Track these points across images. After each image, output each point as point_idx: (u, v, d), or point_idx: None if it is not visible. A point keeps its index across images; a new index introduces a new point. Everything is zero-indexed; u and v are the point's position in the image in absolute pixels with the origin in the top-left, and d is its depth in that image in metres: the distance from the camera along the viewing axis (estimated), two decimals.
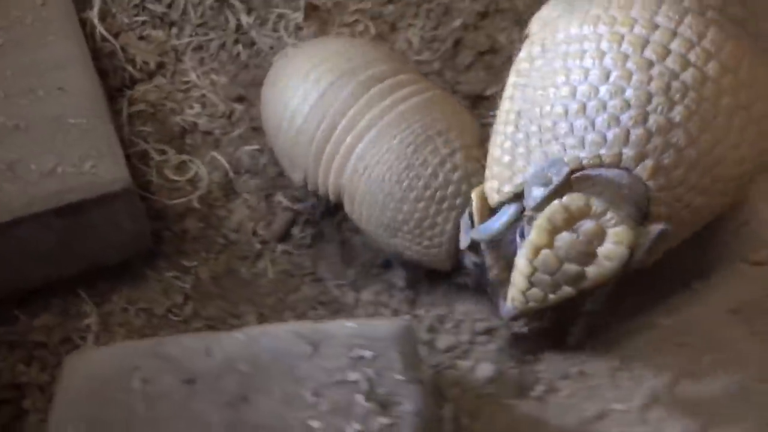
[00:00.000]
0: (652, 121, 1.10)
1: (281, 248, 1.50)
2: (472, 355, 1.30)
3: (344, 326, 1.08)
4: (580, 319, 1.26)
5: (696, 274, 1.42)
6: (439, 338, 1.34)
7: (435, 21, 1.77)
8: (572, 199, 1.09)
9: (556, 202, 1.09)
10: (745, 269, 1.46)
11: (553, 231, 1.09)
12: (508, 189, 1.18)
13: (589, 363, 1.28)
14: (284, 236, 1.51)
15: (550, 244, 1.10)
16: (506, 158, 1.21)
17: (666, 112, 1.10)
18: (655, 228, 1.08)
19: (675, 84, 1.10)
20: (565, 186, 1.09)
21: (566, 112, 1.16)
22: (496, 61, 1.76)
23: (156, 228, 1.48)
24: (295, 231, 1.51)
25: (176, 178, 1.54)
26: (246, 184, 1.55)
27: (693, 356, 1.29)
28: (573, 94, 1.16)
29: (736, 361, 1.28)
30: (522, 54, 1.28)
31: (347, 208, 1.40)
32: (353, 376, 1.01)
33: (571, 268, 1.10)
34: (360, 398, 0.98)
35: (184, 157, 1.57)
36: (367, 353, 1.03)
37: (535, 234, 1.10)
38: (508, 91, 1.28)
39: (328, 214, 1.54)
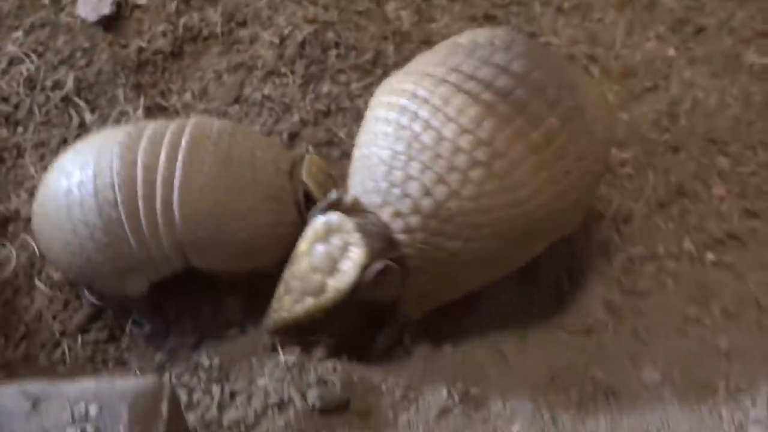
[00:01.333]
0: (394, 174, 1.25)
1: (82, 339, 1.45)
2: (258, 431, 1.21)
3: (79, 384, 1.00)
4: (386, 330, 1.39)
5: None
6: (226, 413, 1.25)
7: (275, 117, 1.88)
8: (333, 217, 1.26)
9: (320, 216, 1.27)
10: (562, 337, 1.44)
11: (314, 240, 1.26)
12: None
13: None
14: (84, 329, 1.46)
15: (308, 252, 1.26)
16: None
17: (404, 167, 1.23)
18: (381, 262, 1.23)
19: (415, 144, 1.23)
20: (340, 208, 1.25)
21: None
22: (334, 153, 1.84)
23: None
24: (99, 324, 1.47)
25: None
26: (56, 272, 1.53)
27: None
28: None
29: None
30: None
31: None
32: None
33: (316, 277, 1.25)
34: None
35: None
36: (93, 409, 0.95)
37: (300, 241, 1.27)
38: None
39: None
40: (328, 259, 1.23)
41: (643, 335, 1.43)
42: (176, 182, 1.33)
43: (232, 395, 1.29)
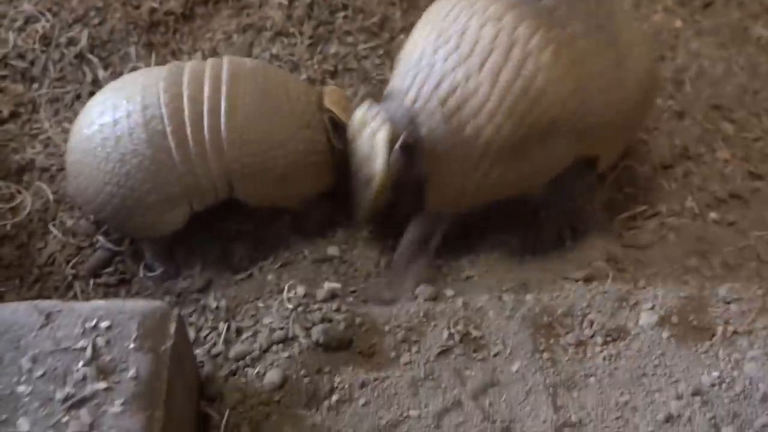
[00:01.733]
0: (421, 61, 1.40)
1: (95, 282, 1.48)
2: (262, 364, 1.24)
3: (91, 303, 1.04)
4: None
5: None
6: (233, 348, 1.28)
7: None
8: (361, 109, 1.44)
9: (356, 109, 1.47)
10: (563, 284, 1.46)
11: (356, 135, 1.42)
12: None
13: (389, 370, 1.26)
14: (96, 273, 1.50)
15: (355, 149, 1.43)
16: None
17: (431, 54, 1.39)
18: (405, 136, 1.36)
19: (443, 35, 1.38)
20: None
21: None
22: None
23: None
24: (109, 270, 1.50)
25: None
26: (71, 218, 1.56)
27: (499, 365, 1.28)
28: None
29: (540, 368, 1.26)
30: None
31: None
32: (81, 343, 0.95)
33: (365, 166, 1.40)
34: (80, 364, 0.91)
35: (13, 187, 1.59)
36: (104, 324, 0.98)
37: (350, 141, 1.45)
38: None
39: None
40: (367, 147, 1.38)
41: (643, 283, 1.45)
42: (222, 111, 1.39)
43: (238, 332, 1.33)
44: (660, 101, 2.08)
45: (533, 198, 1.57)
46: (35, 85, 1.83)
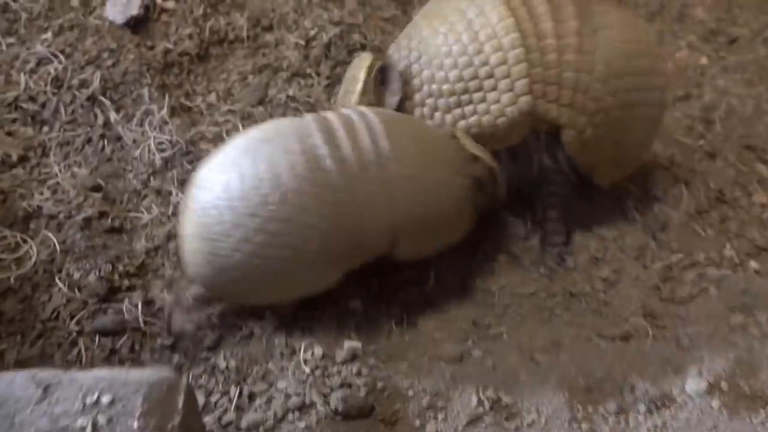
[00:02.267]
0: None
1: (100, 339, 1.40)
2: None
3: (92, 373, 0.96)
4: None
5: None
6: (245, 416, 1.19)
7: None
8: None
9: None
10: (598, 342, 1.36)
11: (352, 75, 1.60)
12: None
13: None
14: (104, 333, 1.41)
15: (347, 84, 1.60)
16: None
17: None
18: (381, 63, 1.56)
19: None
20: None
21: None
22: None
23: None
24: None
25: (3, 256, 1.48)
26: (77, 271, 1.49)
27: None
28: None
29: None
30: None
31: None
32: (80, 422, 0.87)
33: (345, 98, 1.56)
34: None
35: (19, 236, 1.53)
36: (106, 398, 0.90)
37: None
38: None
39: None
40: (350, 82, 1.54)
41: (686, 343, 1.35)
42: (389, 164, 1.32)
43: (251, 397, 1.23)
44: (690, 141, 2.01)
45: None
46: (46, 128, 1.78)
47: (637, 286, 1.52)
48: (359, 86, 1.54)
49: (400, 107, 1.54)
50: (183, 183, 1.65)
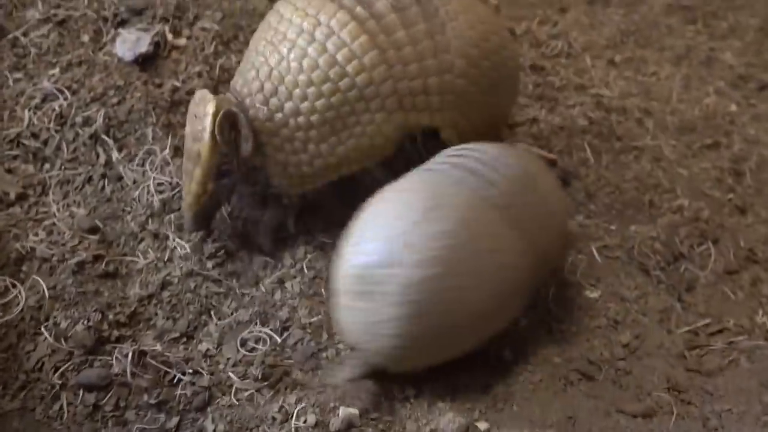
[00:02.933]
0: (248, 55, 1.55)
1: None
2: None
3: None
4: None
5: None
6: None
7: None
8: (197, 95, 1.51)
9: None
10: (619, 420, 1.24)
11: (189, 120, 1.49)
12: None
13: None
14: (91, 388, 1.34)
15: (188, 132, 1.49)
16: None
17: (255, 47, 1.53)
18: (228, 109, 1.45)
19: (269, 32, 1.50)
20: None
21: None
22: None
23: None
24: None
25: None
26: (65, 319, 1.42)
27: None
28: None
29: None
30: None
31: None
32: None
33: (194, 147, 1.46)
34: None
35: (8, 280, 1.47)
36: None
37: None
38: None
39: None
40: (196, 126, 1.45)
41: (714, 423, 1.24)
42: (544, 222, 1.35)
43: None
44: (719, 194, 1.91)
45: None
46: (47, 166, 1.73)
47: (660, 354, 1.41)
48: (207, 138, 1.43)
49: (259, 149, 1.47)
50: (179, 228, 1.59)
